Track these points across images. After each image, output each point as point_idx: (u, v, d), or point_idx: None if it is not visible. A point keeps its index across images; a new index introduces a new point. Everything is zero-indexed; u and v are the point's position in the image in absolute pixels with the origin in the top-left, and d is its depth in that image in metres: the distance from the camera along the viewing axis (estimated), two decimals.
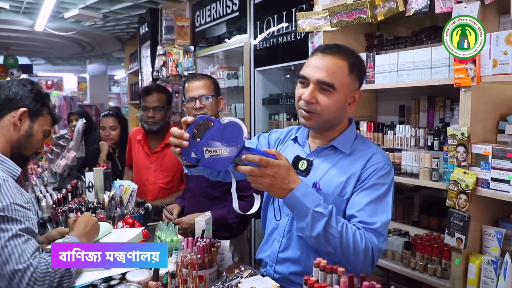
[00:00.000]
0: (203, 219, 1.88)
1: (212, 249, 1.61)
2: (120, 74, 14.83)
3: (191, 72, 5.00)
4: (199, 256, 1.54)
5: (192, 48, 5.06)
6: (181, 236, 1.95)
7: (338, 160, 1.60)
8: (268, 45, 3.69)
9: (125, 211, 2.39)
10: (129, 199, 2.51)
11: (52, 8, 5.69)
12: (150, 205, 2.63)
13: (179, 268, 1.42)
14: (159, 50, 5.17)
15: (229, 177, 1.64)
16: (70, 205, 2.38)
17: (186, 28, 5.14)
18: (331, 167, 1.59)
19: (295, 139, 1.76)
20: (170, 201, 2.91)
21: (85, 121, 4.03)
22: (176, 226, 1.96)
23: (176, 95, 5.18)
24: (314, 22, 2.63)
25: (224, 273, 1.57)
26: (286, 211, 1.65)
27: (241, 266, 1.59)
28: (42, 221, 2.62)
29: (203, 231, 1.82)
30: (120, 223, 2.21)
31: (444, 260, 2.19)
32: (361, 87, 1.64)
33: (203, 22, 4.89)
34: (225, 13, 4.38)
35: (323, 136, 1.66)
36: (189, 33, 5.14)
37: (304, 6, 3.21)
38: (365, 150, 1.60)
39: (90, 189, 2.71)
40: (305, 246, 1.60)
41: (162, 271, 1.53)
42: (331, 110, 1.53)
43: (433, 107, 2.53)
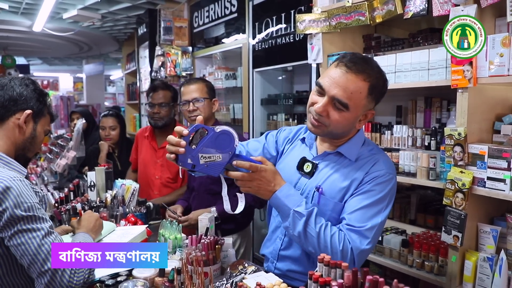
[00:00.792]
0: (206, 217, 1.92)
1: (216, 246, 1.64)
2: (116, 74, 14.82)
3: (189, 72, 5.04)
4: (203, 253, 1.58)
5: (190, 48, 5.09)
6: (184, 234, 1.99)
7: (343, 166, 1.61)
8: (266, 46, 3.73)
9: (127, 210, 2.42)
10: (130, 198, 2.54)
11: (51, 8, 5.70)
12: (151, 204, 2.67)
13: (185, 264, 1.45)
14: (158, 50, 5.19)
15: None
16: (73, 204, 2.41)
17: (184, 29, 5.17)
18: (335, 172, 1.61)
19: (303, 139, 1.79)
20: (170, 199, 2.95)
21: (84, 121, 4.05)
22: (180, 224, 1.99)
23: None
24: (313, 24, 2.67)
25: (228, 269, 1.61)
26: None
27: (244, 263, 1.63)
28: None
29: (207, 228, 1.86)
30: (122, 222, 2.24)
31: (441, 257, 2.23)
32: (377, 103, 1.61)
33: (201, 23, 4.92)
34: (223, 14, 4.42)
35: (331, 142, 1.67)
36: (187, 34, 5.17)
37: (303, 7, 3.26)
38: (369, 157, 1.61)
39: (92, 188, 2.74)
40: None
41: (168, 267, 1.56)
42: (339, 126, 1.55)
43: (429, 107, 2.57)
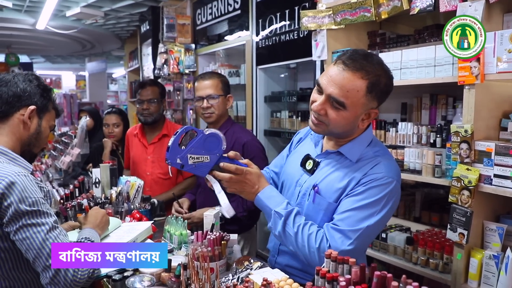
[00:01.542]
0: (211, 213, 1.92)
1: (222, 242, 1.64)
2: (118, 72, 14.82)
3: (192, 70, 5.04)
4: (209, 248, 1.58)
5: (193, 46, 5.09)
6: (189, 230, 1.99)
7: (343, 166, 1.58)
8: (270, 43, 3.73)
9: (132, 206, 2.43)
10: (135, 195, 2.54)
11: (54, 6, 5.71)
12: (156, 200, 2.67)
13: (191, 260, 1.45)
14: (161, 48, 5.20)
15: None
16: (78, 200, 2.41)
17: (187, 26, 5.17)
18: (333, 172, 1.58)
19: (312, 137, 1.78)
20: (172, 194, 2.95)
21: (88, 118, 4.05)
22: (185, 220, 1.99)
23: (178, 92, 5.21)
24: (318, 20, 2.66)
25: (234, 265, 1.60)
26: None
27: (250, 259, 1.62)
28: None
29: (213, 224, 1.86)
30: (127, 218, 2.24)
31: (446, 255, 2.23)
32: (381, 104, 1.55)
33: (204, 20, 4.92)
34: (226, 11, 4.41)
35: (336, 141, 1.64)
36: (190, 31, 5.17)
37: (307, 4, 3.25)
38: (371, 159, 1.56)
39: (97, 184, 2.74)
40: None
41: (175, 262, 1.56)
42: (339, 125, 1.51)
43: (435, 104, 2.56)
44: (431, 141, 2.34)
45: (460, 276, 2.05)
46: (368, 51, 1.59)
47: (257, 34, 3.88)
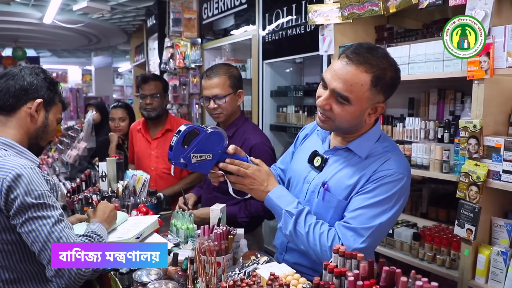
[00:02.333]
0: (218, 207, 1.91)
1: (229, 236, 1.64)
2: (124, 66, 14.84)
3: (198, 64, 5.02)
4: (216, 243, 1.57)
5: (199, 40, 5.07)
6: (195, 225, 1.99)
7: (352, 162, 1.56)
8: (277, 37, 3.71)
9: (138, 200, 2.43)
10: (141, 189, 2.54)
11: (61, 0, 5.71)
12: (162, 194, 2.67)
13: (198, 254, 1.45)
14: (167, 42, 5.19)
15: None
16: (85, 194, 2.42)
17: (194, 21, 5.15)
18: (343, 169, 1.57)
19: (318, 133, 1.76)
20: (179, 189, 2.95)
21: (95, 112, 4.06)
22: (192, 215, 1.99)
23: (184, 87, 5.20)
24: (325, 15, 2.64)
25: (241, 259, 1.60)
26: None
27: (257, 253, 1.62)
28: None
29: (219, 219, 1.86)
30: (134, 212, 2.24)
31: (453, 251, 2.22)
32: (388, 98, 1.52)
33: (210, 14, 4.90)
34: (233, 5, 4.39)
35: (343, 137, 1.62)
36: (196, 25, 5.16)
37: None
38: (381, 154, 1.53)
39: (103, 178, 2.74)
40: None
41: (181, 256, 1.56)
42: (344, 120, 1.49)
43: (443, 99, 2.54)
44: (439, 136, 2.33)
45: (467, 272, 2.04)
46: (374, 44, 1.54)
47: (264, 29, 3.86)
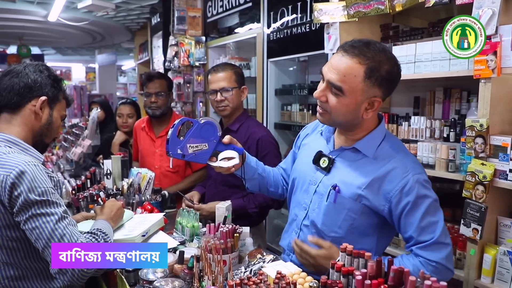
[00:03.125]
0: (223, 206, 1.92)
1: (235, 234, 1.64)
2: (128, 64, 14.84)
3: (202, 62, 5.02)
4: (222, 241, 1.58)
5: (204, 38, 5.07)
6: (200, 223, 1.99)
7: (360, 163, 1.56)
8: (281, 35, 3.70)
9: (143, 198, 2.43)
10: (146, 186, 2.55)
11: None
12: (166, 192, 2.67)
13: (204, 252, 1.45)
14: (171, 40, 5.18)
15: (264, 189, 1.90)
16: (90, 191, 2.43)
17: (198, 19, 5.14)
18: (352, 171, 1.56)
19: (322, 132, 1.76)
20: (183, 187, 2.96)
21: (100, 110, 4.07)
22: (197, 213, 1.99)
23: (188, 85, 5.20)
24: (331, 13, 2.63)
25: (246, 257, 1.60)
26: (304, 205, 1.68)
27: (263, 252, 1.62)
28: None
29: (225, 217, 1.86)
30: (139, 210, 2.25)
31: (459, 250, 2.21)
32: (387, 94, 1.51)
33: (215, 12, 4.89)
34: (237, 3, 4.38)
35: (347, 135, 1.61)
36: (201, 23, 5.15)
37: None
38: (389, 157, 1.53)
39: (108, 176, 2.75)
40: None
41: (187, 254, 1.57)
42: (339, 112, 1.50)
43: (449, 98, 2.53)
44: (444, 135, 2.31)
45: (473, 271, 2.03)
46: (373, 40, 1.54)
47: (269, 27, 3.86)
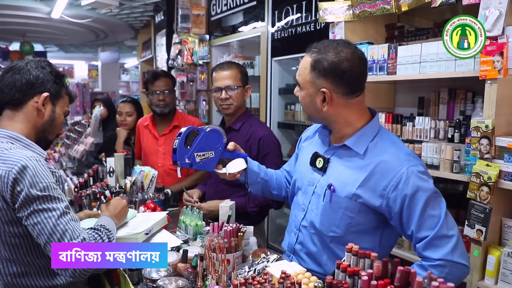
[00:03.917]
0: (227, 204, 1.91)
1: (239, 233, 1.64)
2: (130, 62, 14.85)
3: (206, 61, 5.02)
4: (225, 240, 1.57)
5: (208, 37, 5.06)
6: (203, 221, 1.99)
7: (354, 161, 1.57)
8: (286, 34, 3.69)
9: (146, 196, 2.43)
10: (149, 185, 2.55)
11: None
12: (169, 191, 2.67)
13: (208, 251, 1.45)
14: (175, 38, 5.18)
15: (268, 192, 1.94)
16: (93, 189, 2.42)
17: (202, 17, 5.13)
18: (346, 169, 1.58)
19: (319, 134, 1.78)
20: (186, 185, 2.95)
21: (102, 108, 4.07)
22: (201, 211, 1.99)
23: (191, 83, 5.19)
24: (336, 12, 2.63)
25: (250, 257, 1.60)
26: (303, 206, 1.69)
27: (267, 251, 1.62)
28: None
29: (229, 216, 1.85)
30: (141, 208, 2.25)
31: None
32: (340, 87, 1.52)
33: (219, 11, 4.89)
34: (242, 2, 4.37)
35: (334, 134, 1.65)
36: (205, 22, 5.14)
37: None
38: (383, 153, 1.53)
39: (111, 174, 2.75)
40: (319, 243, 1.62)
41: (191, 253, 1.56)
42: (303, 106, 1.62)
43: (453, 99, 2.52)
44: (449, 136, 2.30)
45: (476, 273, 2.02)
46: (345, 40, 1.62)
47: (273, 26, 3.85)
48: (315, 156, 1.67)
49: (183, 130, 1.60)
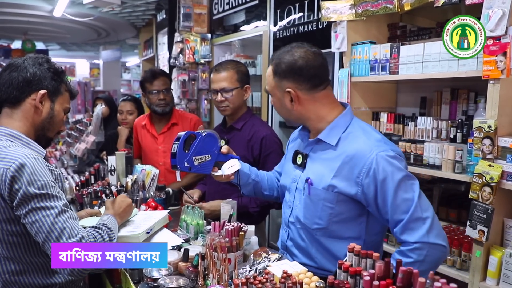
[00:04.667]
0: (228, 204, 1.91)
1: (240, 233, 1.63)
2: (132, 61, 14.85)
3: (208, 60, 5.02)
4: (227, 239, 1.57)
5: (209, 36, 5.06)
6: (205, 221, 1.99)
7: (328, 154, 1.64)
8: (288, 34, 3.68)
9: (147, 195, 2.43)
10: (150, 183, 2.55)
11: None
12: (170, 190, 2.67)
13: (209, 250, 1.44)
14: (177, 37, 5.17)
15: (259, 193, 2.00)
16: (94, 188, 2.42)
17: (204, 16, 5.13)
18: (321, 162, 1.65)
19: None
20: (187, 182, 2.96)
21: (104, 106, 4.07)
22: (202, 210, 1.98)
23: (193, 82, 5.19)
24: (338, 12, 2.62)
25: (251, 256, 1.59)
26: (289, 203, 1.76)
27: (268, 250, 1.61)
28: None
29: (230, 215, 1.85)
30: (143, 206, 2.24)
31: (464, 252, 2.19)
32: (303, 83, 1.62)
33: (221, 10, 4.88)
34: (244, 1, 4.37)
35: (311, 131, 1.74)
36: (207, 20, 5.14)
37: None
38: (354, 142, 1.58)
39: (113, 172, 2.75)
40: (307, 237, 1.68)
41: (192, 252, 1.56)
42: (277, 111, 1.75)
43: (456, 99, 2.51)
44: (451, 136, 2.30)
45: (478, 273, 2.01)
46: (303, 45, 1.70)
47: (275, 25, 3.84)
48: (296, 154, 1.76)
49: (181, 135, 1.67)
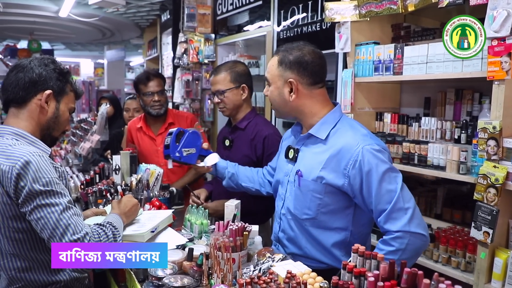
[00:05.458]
0: (232, 203, 1.91)
1: (244, 232, 1.64)
2: (136, 60, 14.88)
3: (211, 60, 5.02)
4: (231, 239, 1.57)
5: (213, 36, 5.06)
6: (209, 220, 1.99)
7: (317, 147, 1.74)
8: (291, 34, 3.68)
9: (151, 194, 2.44)
10: (154, 183, 2.55)
11: None
12: (174, 189, 2.67)
13: (213, 250, 1.45)
14: (181, 37, 5.17)
15: (237, 184, 2.21)
16: (99, 187, 2.43)
17: (208, 16, 5.13)
18: (311, 155, 1.75)
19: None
20: (189, 180, 2.97)
21: (109, 105, 4.08)
22: (206, 210, 1.99)
23: (196, 82, 5.20)
24: (342, 12, 2.62)
25: (255, 256, 1.59)
26: (282, 195, 1.84)
27: (272, 250, 1.61)
28: None
29: (234, 215, 1.85)
30: (147, 206, 2.25)
31: (469, 253, 2.19)
32: (304, 77, 1.73)
33: (224, 10, 4.89)
34: (247, 1, 4.37)
35: (303, 126, 1.84)
36: (211, 21, 5.15)
37: None
38: (342, 136, 1.68)
39: (117, 171, 2.76)
40: (297, 227, 1.77)
41: (196, 252, 1.56)
42: (272, 100, 1.81)
43: (460, 100, 2.50)
44: (455, 137, 2.29)
45: (483, 275, 2.01)
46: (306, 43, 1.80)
47: (279, 25, 3.84)
48: (288, 149, 1.86)
49: (173, 130, 2.06)
